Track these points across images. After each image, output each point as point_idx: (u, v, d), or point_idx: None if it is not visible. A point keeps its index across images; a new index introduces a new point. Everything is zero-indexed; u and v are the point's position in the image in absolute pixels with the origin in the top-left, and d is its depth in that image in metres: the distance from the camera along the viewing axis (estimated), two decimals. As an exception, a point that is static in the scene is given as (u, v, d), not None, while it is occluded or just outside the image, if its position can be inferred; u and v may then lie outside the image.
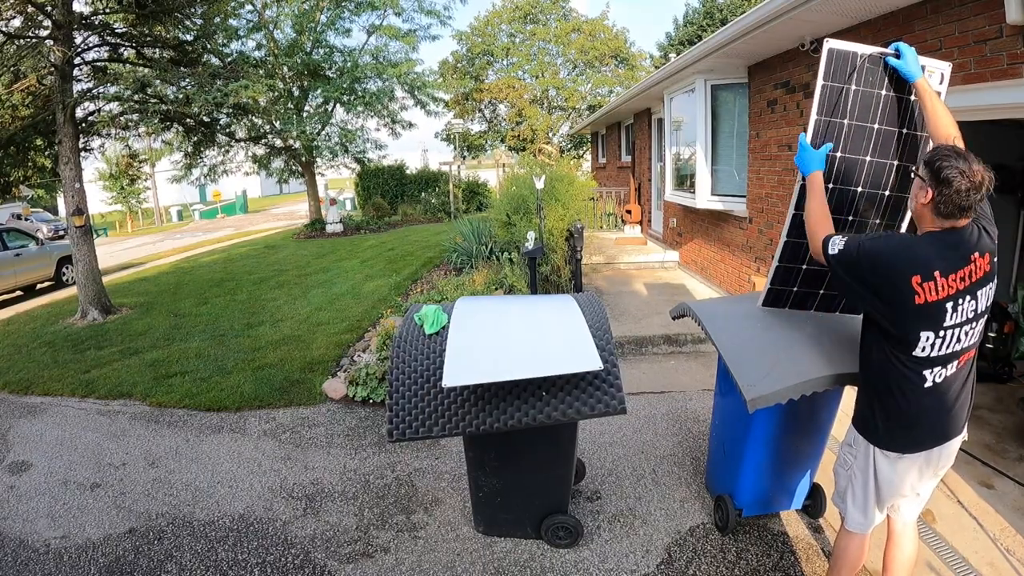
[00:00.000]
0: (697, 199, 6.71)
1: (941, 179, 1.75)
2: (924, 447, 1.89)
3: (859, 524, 2.10)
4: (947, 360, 1.81)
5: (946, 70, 2.27)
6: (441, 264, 9.43)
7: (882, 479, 1.98)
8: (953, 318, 1.76)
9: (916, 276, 1.72)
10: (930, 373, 1.82)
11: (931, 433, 1.89)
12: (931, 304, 1.73)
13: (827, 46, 2.18)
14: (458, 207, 18.14)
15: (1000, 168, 5.52)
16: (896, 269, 1.75)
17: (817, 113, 2.23)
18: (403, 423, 2.43)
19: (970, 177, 1.72)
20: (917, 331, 1.77)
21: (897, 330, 1.80)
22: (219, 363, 5.59)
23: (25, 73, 7.56)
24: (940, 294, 1.73)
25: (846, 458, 2.11)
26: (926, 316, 1.75)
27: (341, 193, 28.22)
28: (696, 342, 5.40)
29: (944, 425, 1.88)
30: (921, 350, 1.78)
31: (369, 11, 16.18)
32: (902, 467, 1.93)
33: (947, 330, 1.76)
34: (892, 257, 1.77)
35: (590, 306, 2.82)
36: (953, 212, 1.76)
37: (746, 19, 4.49)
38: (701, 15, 27.22)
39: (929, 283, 1.72)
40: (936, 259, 1.74)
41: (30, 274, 10.70)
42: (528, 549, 2.79)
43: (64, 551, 2.96)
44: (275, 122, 14.38)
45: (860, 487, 2.04)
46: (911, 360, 1.81)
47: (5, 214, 20.44)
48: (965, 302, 1.77)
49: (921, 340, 1.77)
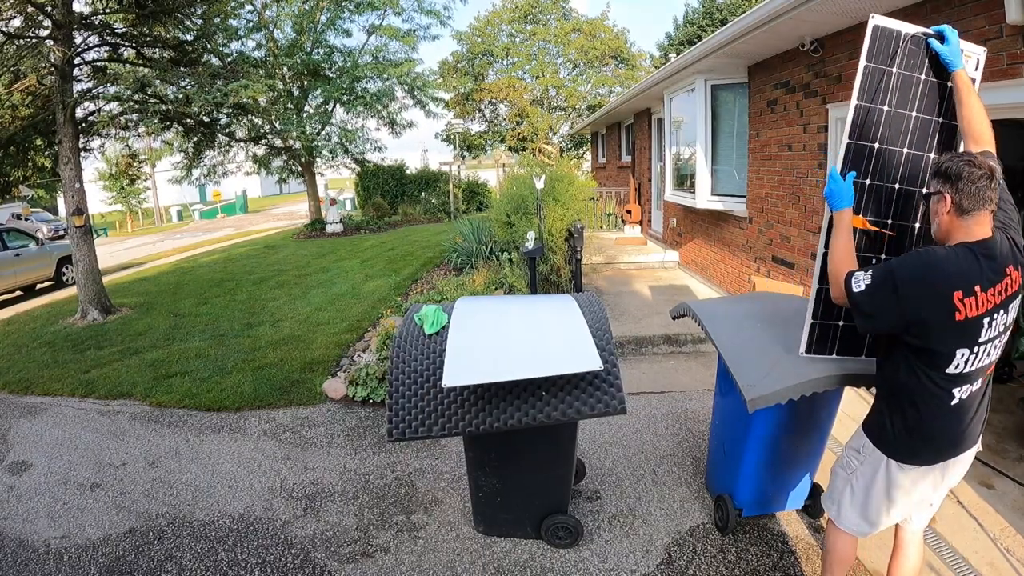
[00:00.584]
0: (697, 199, 6.71)
1: (952, 175, 1.72)
2: (941, 458, 1.87)
3: (855, 527, 2.08)
4: (976, 376, 1.78)
5: (982, 55, 2.13)
6: (441, 264, 9.43)
7: (897, 491, 1.93)
8: (987, 333, 1.72)
9: (958, 292, 1.66)
10: (959, 391, 1.78)
11: (950, 445, 1.86)
12: (970, 320, 1.68)
13: (872, 22, 2.02)
14: (458, 207, 18.14)
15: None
16: (936, 287, 1.68)
17: (858, 98, 2.06)
18: (403, 423, 2.43)
19: (979, 166, 1.70)
20: (954, 348, 1.71)
21: (934, 348, 1.73)
22: (219, 363, 5.59)
23: (25, 73, 7.56)
24: (980, 309, 1.68)
25: (850, 461, 2.07)
26: (964, 333, 1.70)
27: (341, 193, 28.23)
28: (696, 342, 5.40)
29: (963, 437, 1.85)
30: (955, 367, 1.73)
31: (369, 11, 16.19)
32: (917, 476, 1.90)
33: (980, 345, 1.73)
34: (932, 275, 1.69)
35: (590, 306, 2.82)
36: (976, 204, 1.70)
37: (746, 19, 4.49)
38: (701, 15, 27.23)
39: (970, 299, 1.66)
40: (975, 273, 1.67)
41: (30, 274, 10.70)
42: (528, 549, 2.79)
43: (64, 551, 2.96)
44: (275, 122, 14.38)
45: (861, 492, 2.01)
46: (942, 378, 1.76)
47: (5, 214, 20.45)
48: (999, 316, 1.72)
49: (956, 357, 1.72)
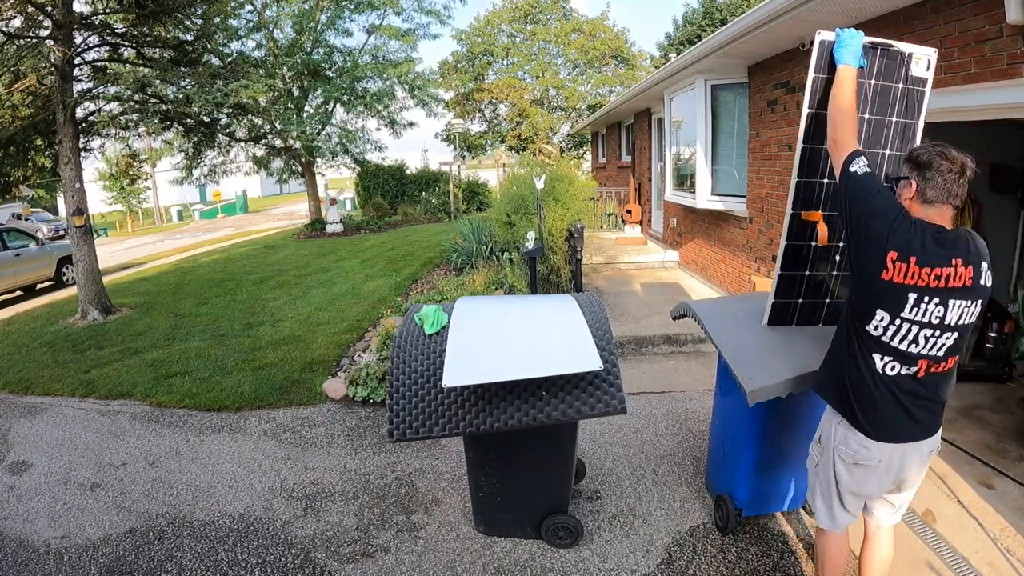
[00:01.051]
0: (697, 199, 6.71)
1: (922, 163, 1.75)
2: (885, 437, 1.86)
3: (826, 519, 2.10)
4: (903, 357, 1.78)
5: (932, 56, 2.22)
6: (441, 264, 9.43)
7: (842, 467, 1.96)
8: (913, 312, 1.72)
9: (893, 252, 1.71)
10: (880, 359, 1.80)
11: (890, 424, 1.85)
12: (895, 285, 1.71)
13: (819, 38, 2.17)
14: (458, 207, 18.14)
15: (1000, 168, 5.51)
16: (881, 237, 1.73)
17: (808, 107, 2.22)
18: (403, 423, 2.43)
19: (951, 160, 1.71)
20: (874, 307, 1.76)
21: (858, 293, 1.82)
22: (219, 363, 5.59)
23: (25, 73, 7.56)
24: (908, 280, 1.70)
25: (812, 455, 2.14)
26: (886, 295, 1.73)
27: (341, 193, 28.22)
28: (696, 342, 5.40)
29: (903, 422, 1.84)
30: (874, 328, 1.78)
31: (369, 11, 16.18)
32: (865, 447, 1.89)
33: (904, 321, 1.73)
34: (883, 224, 1.74)
35: (590, 306, 2.82)
36: (940, 197, 1.73)
37: (746, 19, 4.49)
38: (701, 15, 27.23)
39: (901, 265, 1.70)
40: (917, 245, 1.70)
41: (30, 274, 10.70)
42: (528, 549, 2.79)
43: (64, 551, 2.96)
44: (275, 122, 14.38)
45: (825, 481, 2.05)
46: (865, 335, 1.81)
47: (5, 214, 20.45)
48: (931, 303, 1.71)
49: (875, 318, 1.76)
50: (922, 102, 2.24)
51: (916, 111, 2.25)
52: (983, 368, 4.29)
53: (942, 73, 3.22)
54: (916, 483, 2.00)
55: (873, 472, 1.91)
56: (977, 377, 4.27)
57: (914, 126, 2.27)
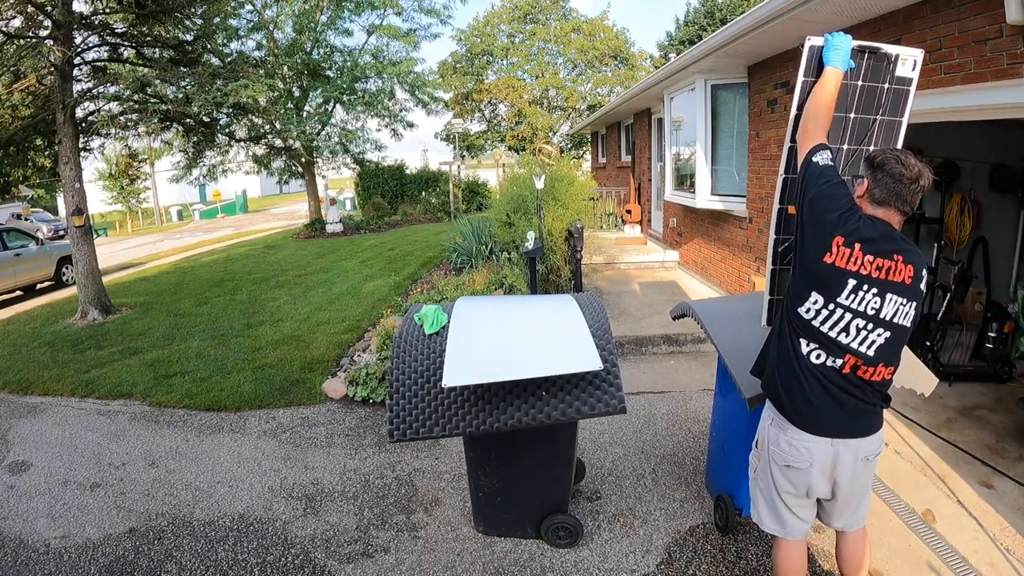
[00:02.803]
0: (697, 199, 6.71)
1: (876, 165, 1.78)
2: (813, 428, 1.83)
3: (773, 526, 2.04)
4: (829, 346, 1.77)
5: (919, 57, 2.25)
6: (441, 264, 9.43)
7: (776, 470, 1.93)
8: (850, 299, 1.72)
9: (839, 237, 1.72)
10: (806, 344, 1.80)
11: (818, 412, 1.82)
12: (836, 269, 1.72)
13: (808, 43, 2.17)
14: (458, 207, 18.14)
15: (1000, 168, 5.51)
16: (829, 221, 1.74)
17: (796, 108, 2.21)
18: (403, 423, 2.43)
19: (905, 166, 1.73)
20: (810, 288, 1.77)
21: (797, 276, 1.83)
22: (219, 363, 5.59)
23: (25, 73, 7.55)
24: (849, 265, 1.71)
25: (752, 460, 2.10)
26: (824, 277, 1.74)
27: (341, 193, 28.22)
28: (696, 342, 5.40)
29: (832, 412, 1.81)
30: (806, 311, 1.78)
31: (369, 11, 16.18)
32: (794, 455, 1.87)
33: (838, 307, 1.73)
34: (834, 209, 1.75)
35: (590, 306, 2.82)
36: (887, 198, 1.76)
37: (746, 19, 4.49)
38: (701, 15, 27.23)
39: (846, 250, 1.71)
40: (864, 234, 1.72)
41: (30, 274, 10.70)
42: (528, 549, 2.79)
43: (64, 551, 2.96)
44: (275, 122, 14.38)
45: (765, 485, 2.02)
46: (796, 317, 1.81)
47: (5, 214, 20.45)
48: (868, 292, 1.72)
49: (808, 300, 1.77)
50: (907, 101, 2.28)
51: (901, 110, 2.29)
52: (983, 368, 4.30)
53: (942, 73, 3.22)
54: (858, 490, 1.93)
55: (806, 475, 1.87)
56: (977, 377, 4.27)
57: (899, 123, 2.31)
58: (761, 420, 2.06)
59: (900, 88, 2.27)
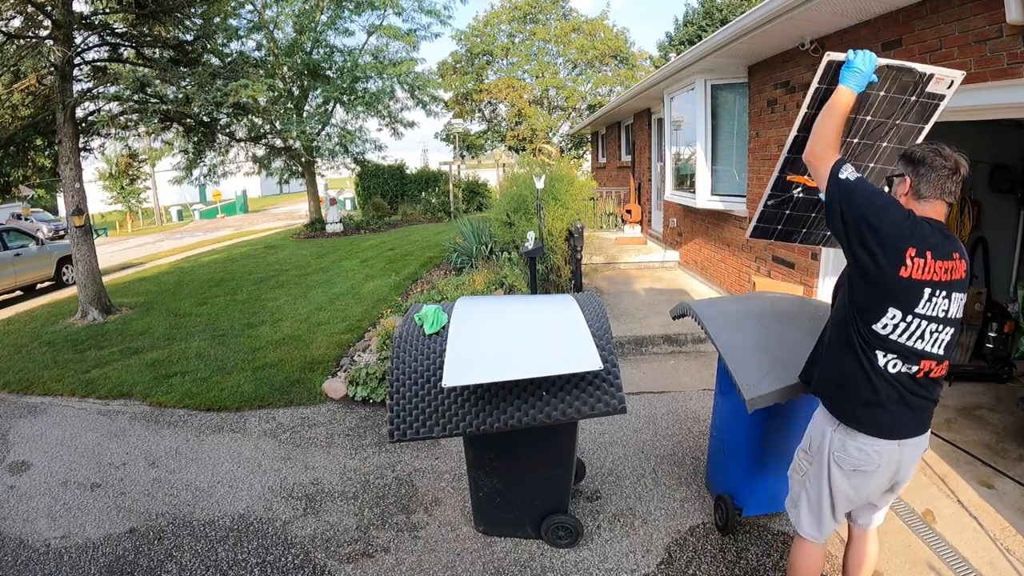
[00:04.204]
0: (697, 199, 6.70)
1: (917, 160, 1.77)
2: (885, 434, 1.81)
3: (812, 532, 2.03)
4: (907, 355, 1.74)
5: (958, 78, 2.22)
6: (441, 264, 9.43)
7: (839, 475, 1.89)
8: (926, 307, 1.71)
9: (912, 248, 1.68)
10: (884, 356, 1.76)
11: (893, 419, 1.79)
12: (913, 281, 1.68)
13: (827, 58, 2.11)
14: (458, 207, 18.15)
15: (1000, 168, 5.50)
16: (896, 235, 1.69)
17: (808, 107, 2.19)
18: (404, 423, 2.43)
19: (945, 157, 1.73)
20: (886, 305, 1.72)
21: (867, 292, 1.75)
22: (219, 363, 5.59)
23: (25, 73, 7.56)
24: (925, 275, 1.69)
25: (800, 463, 2.05)
26: (902, 292, 1.70)
27: (341, 193, 28.21)
28: (696, 342, 5.40)
29: (904, 416, 1.80)
30: (882, 327, 1.73)
31: (369, 11, 16.18)
32: (863, 459, 1.84)
33: (916, 317, 1.71)
34: (897, 221, 1.70)
35: (590, 306, 2.82)
36: (933, 192, 1.75)
37: (746, 19, 4.49)
38: (701, 15, 27.23)
39: (920, 260, 1.68)
40: (931, 239, 1.70)
41: (30, 274, 10.70)
42: (528, 549, 2.79)
43: (64, 551, 2.96)
44: (275, 122, 14.38)
45: (815, 491, 1.97)
46: (869, 332, 1.76)
47: (5, 214, 20.43)
48: (940, 296, 1.71)
49: (886, 316, 1.72)
50: (935, 113, 2.27)
51: (926, 118, 2.28)
52: (983, 368, 4.30)
53: (942, 73, 3.22)
54: (907, 483, 1.98)
55: (872, 476, 1.87)
56: (977, 377, 4.27)
57: (920, 128, 2.30)
58: (816, 426, 1.99)
59: (929, 102, 2.25)
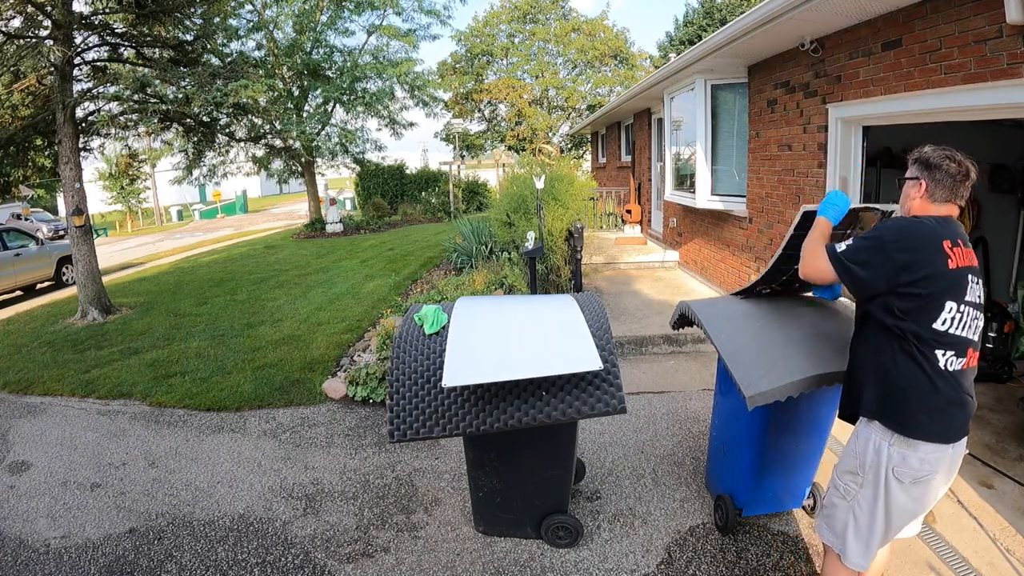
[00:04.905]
0: (697, 199, 6.70)
1: (932, 165, 1.83)
2: (948, 437, 1.77)
3: (859, 560, 1.92)
4: (959, 346, 1.76)
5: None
6: (441, 264, 9.43)
7: (900, 490, 1.81)
8: (968, 293, 1.76)
9: (947, 240, 1.75)
10: (943, 355, 1.76)
11: (954, 422, 1.78)
12: (961, 270, 1.74)
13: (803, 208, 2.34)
14: (458, 207, 18.15)
15: (1000, 168, 5.50)
16: (926, 239, 1.75)
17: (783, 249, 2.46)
18: (404, 423, 2.43)
19: (958, 164, 1.81)
20: (944, 299, 1.74)
21: (926, 300, 1.74)
22: (219, 363, 5.59)
23: (25, 73, 7.55)
24: (964, 261, 1.76)
25: (847, 486, 1.91)
26: (954, 283, 1.74)
27: (341, 193, 28.21)
28: (696, 342, 5.40)
29: (961, 416, 1.79)
30: (942, 323, 1.74)
31: (369, 11, 16.18)
32: (925, 468, 1.77)
33: (965, 305, 1.76)
34: (917, 229, 1.78)
35: (590, 306, 2.82)
36: (948, 196, 1.83)
37: (746, 19, 4.49)
38: (701, 15, 27.24)
39: (957, 248, 1.75)
40: (951, 230, 1.79)
41: (30, 274, 10.70)
42: (528, 549, 2.79)
43: (64, 551, 2.96)
44: (275, 122, 14.37)
45: (866, 515, 1.87)
46: (930, 333, 1.74)
47: (5, 214, 20.42)
48: (974, 282, 1.78)
49: (945, 311, 1.74)
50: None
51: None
52: (983, 368, 4.29)
53: (942, 73, 3.22)
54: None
55: (932, 484, 1.82)
56: (977, 377, 4.25)
57: None
58: (866, 443, 1.87)
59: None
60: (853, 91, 4.11)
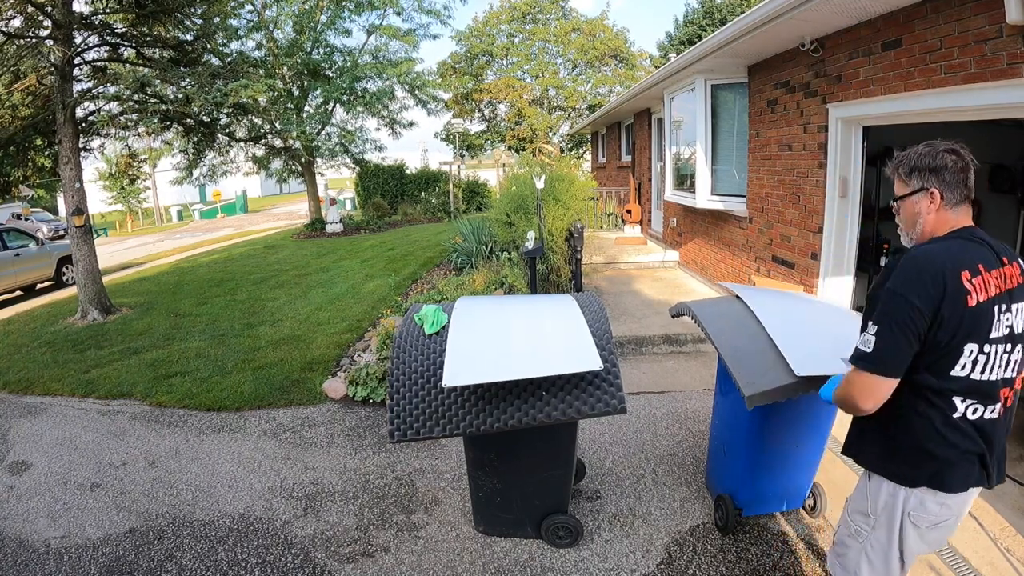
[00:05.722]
0: (697, 199, 6.70)
1: (937, 167, 1.60)
2: (967, 485, 1.61)
3: None
4: (984, 392, 1.53)
5: None
6: (441, 264, 9.43)
7: (914, 534, 1.67)
8: (996, 329, 1.51)
9: (965, 272, 1.48)
10: (962, 403, 1.54)
11: (974, 470, 1.59)
12: (981, 306, 1.48)
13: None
14: (458, 207, 18.15)
15: (1000, 168, 5.51)
16: (943, 275, 1.48)
17: None
18: (404, 423, 2.43)
19: (958, 156, 1.60)
20: (962, 343, 1.50)
21: (939, 340, 1.50)
22: (219, 363, 5.59)
23: (25, 73, 7.55)
24: (989, 292, 1.49)
25: (860, 528, 1.76)
26: (974, 322, 1.49)
27: (341, 193, 28.21)
28: (696, 342, 5.40)
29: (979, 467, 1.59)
30: (960, 368, 1.51)
31: (369, 11, 16.19)
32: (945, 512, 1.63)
33: (991, 345, 1.50)
34: (931, 264, 1.50)
35: (590, 306, 2.82)
36: (964, 193, 1.60)
37: (746, 19, 4.49)
38: (701, 15, 27.24)
39: (978, 279, 1.48)
40: (974, 251, 1.52)
41: (30, 274, 10.70)
42: (528, 549, 2.79)
43: (64, 551, 2.96)
44: (275, 122, 14.38)
45: (881, 558, 1.73)
46: (946, 381, 1.53)
47: (5, 214, 20.42)
48: (1002, 311, 1.51)
49: (964, 355, 1.50)
50: None
51: None
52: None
53: (942, 73, 3.22)
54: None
55: (949, 527, 1.69)
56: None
57: None
58: (880, 485, 1.70)
59: None
60: (853, 91, 4.11)
